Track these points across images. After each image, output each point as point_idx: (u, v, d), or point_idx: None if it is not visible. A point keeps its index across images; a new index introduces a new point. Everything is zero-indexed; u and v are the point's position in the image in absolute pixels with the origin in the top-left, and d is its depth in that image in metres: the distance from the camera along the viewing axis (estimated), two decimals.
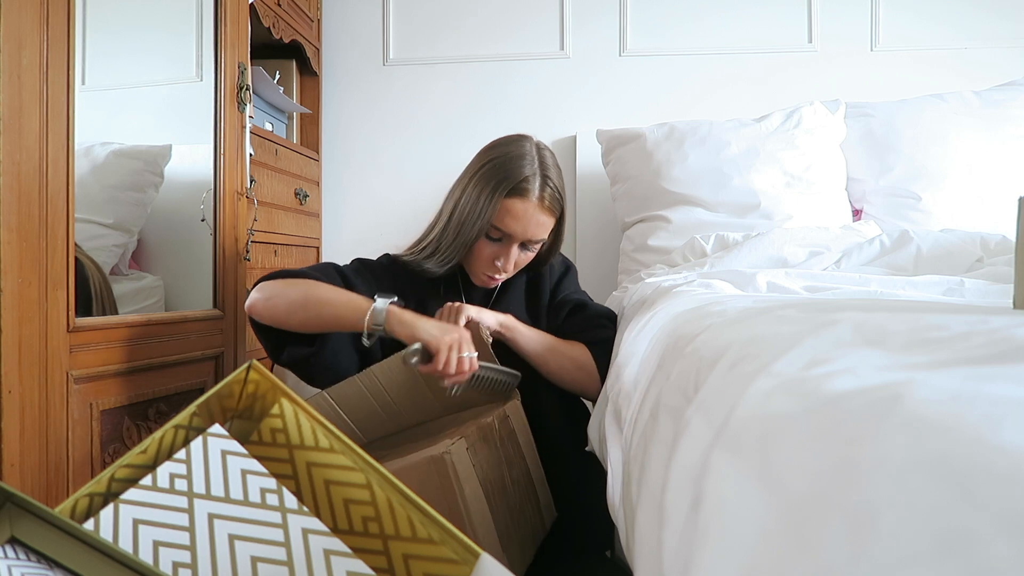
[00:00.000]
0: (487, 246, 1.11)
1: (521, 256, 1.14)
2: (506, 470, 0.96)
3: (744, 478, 0.33)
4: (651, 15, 1.97)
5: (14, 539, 0.55)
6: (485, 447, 0.91)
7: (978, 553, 0.21)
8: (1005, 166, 1.52)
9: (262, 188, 1.53)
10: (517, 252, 1.12)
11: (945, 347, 0.35)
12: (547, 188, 1.09)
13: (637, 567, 0.50)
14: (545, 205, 1.09)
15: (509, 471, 0.96)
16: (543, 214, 1.10)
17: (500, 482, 0.92)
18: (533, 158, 1.10)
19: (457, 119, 2.03)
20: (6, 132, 0.80)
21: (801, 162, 1.55)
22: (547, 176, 1.10)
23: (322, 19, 2.01)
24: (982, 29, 1.87)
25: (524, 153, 1.11)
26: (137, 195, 1.19)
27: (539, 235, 1.11)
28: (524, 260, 1.15)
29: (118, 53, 1.14)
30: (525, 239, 1.10)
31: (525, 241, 1.11)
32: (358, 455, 0.74)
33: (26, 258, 0.83)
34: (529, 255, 1.14)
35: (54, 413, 0.88)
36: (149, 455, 0.70)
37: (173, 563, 0.62)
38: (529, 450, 1.04)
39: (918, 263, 1.15)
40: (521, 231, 1.09)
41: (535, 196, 1.08)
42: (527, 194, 1.07)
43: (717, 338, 0.51)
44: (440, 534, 0.69)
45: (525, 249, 1.13)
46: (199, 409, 0.74)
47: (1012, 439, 0.23)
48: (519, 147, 1.12)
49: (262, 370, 0.78)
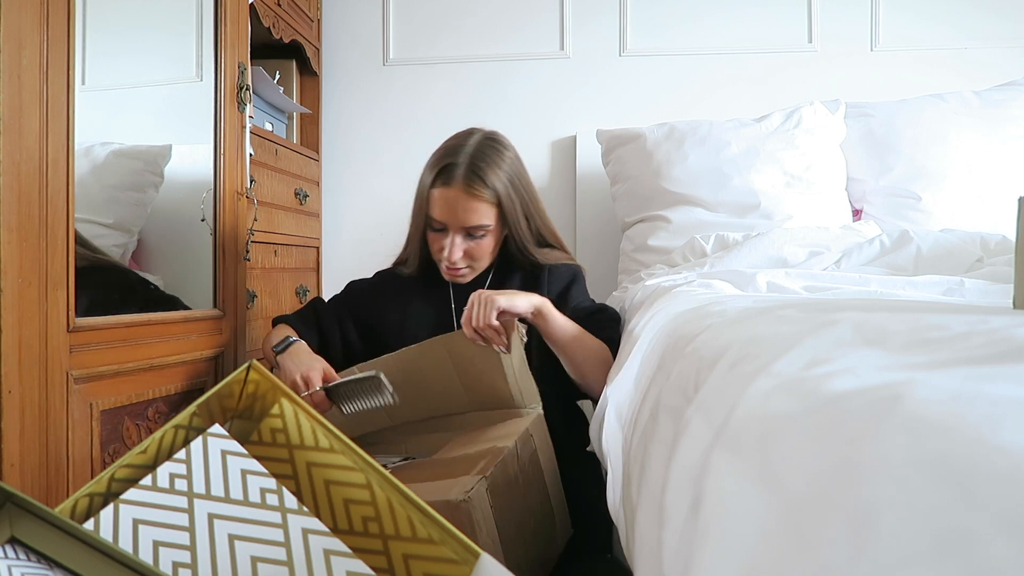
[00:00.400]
0: (434, 238, 1.16)
1: (471, 245, 1.14)
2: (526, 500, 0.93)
3: (744, 478, 0.33)
4: (651, 15, 1.97)
5: (14, 539, 0.55)
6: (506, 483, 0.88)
7: (978, 553, 0.21)
8: (1005, 166, 1.52)
9: (262, 188, 1.53)
10: (461, 241, 1.14)
11: (945, 347, 0.35)
12: (473, 174, 1.11)
13: (637, 567, 0.50)
14: (472, 191, 1.10)
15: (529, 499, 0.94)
16: (470, 200, 1.11)
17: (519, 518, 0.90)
18: (469, 148, 1.13)
19: (457, 119, 2.03)
20: (6, 132, 0.80)
21: (801, 162, 1.55)
22: (476, 164, 1.11)
23: (322, 19, 2.01)
24: (982, 29, 1.87)
25: (460, 144, 1.14)
26: (137, 195, 1.19)
27: (471, 221, 1.12)
28: (478, 250, 1.15)
29: (118, 53, 1.14)
30: (460, 226, 1.13)
31: (464, 228, 1.13)
32: (358, 455, 0.74)
33: (26, 258, 0.83)
34: (481, 243, 1.15)
35: (54, 413, 0.88)
36: (149, 455, 0.70)
37: (173, 563, 0.62)
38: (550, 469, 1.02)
39: (918, 263, 1.15)
40: (452, 218, 1.12)
41: (459, 182, 1.11)
42: (451, 180, 1.11)
43: (717, 338, 0.51)
44: (440, 534, 0.69)
45: (472, 237, 1.14)
46: (199, 409, 0.74)
47: (1012, 439, 0.23)
48: (459, 139, 1.16)
49: (262, 370, 0.78)
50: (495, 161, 1.13)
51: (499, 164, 1.13)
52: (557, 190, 2.00)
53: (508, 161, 1.15)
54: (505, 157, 1.15)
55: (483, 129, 1.20)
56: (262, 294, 1.53)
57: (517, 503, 0.91)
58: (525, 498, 0.93)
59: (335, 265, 1.99)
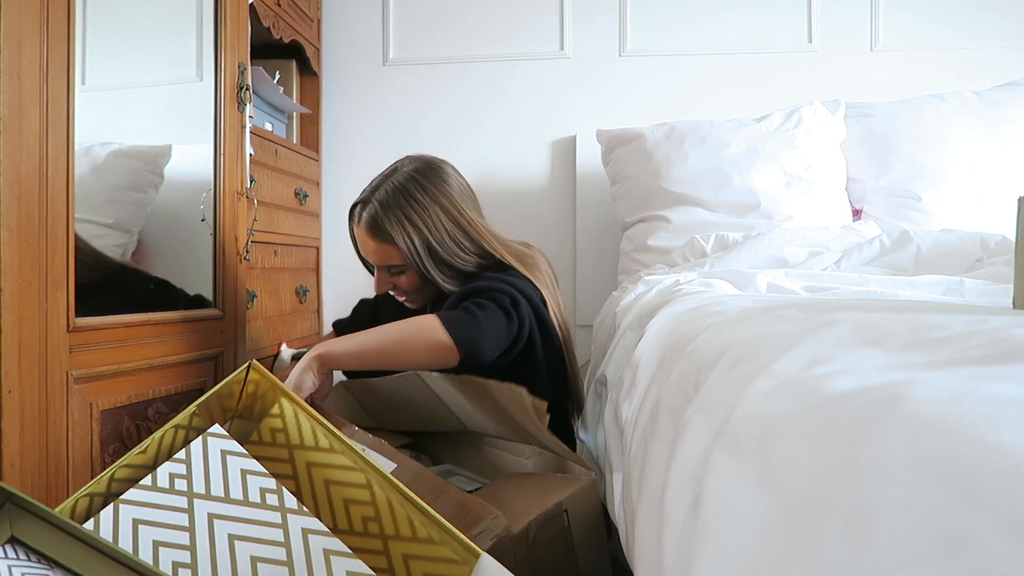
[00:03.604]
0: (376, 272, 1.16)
1: (402, 279, 1.13)
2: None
3: (744, 478, 0.33)
4: (651, 15, 1.97)
5: (14, 539, 0.55)
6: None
7: (978, 553, 0.21)
8: (1005, 166, 1.52)
9: (262, 188, 1.53)
10: (385, 276, 1.14)
11: (945, 347, 0.35)
12: (373, 219, 1.09)
13: (637, 567, 0.50)
14: (372, 235, 1.10)
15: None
16: (373, 242, 1.11)
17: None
18: (382, 189, 1.11)
19: (457, 119, 2.03)
20: (6, 132, 0.80)
21: (801, 162, 1.55)
22: (377, 209, 1.09)
23: (322, 19, 2.01)
24: (982, 29, 1.87)
25: (380, 181, 1.13)
26: (137, 195, 1.19)
27: (379, 261, 1.12)
28: (406, 283, 1.13)
29: (118, 53, 1.14)
30: (375, 264, 1.14)
31: (380, 265, 1.13)
32: (358, 455, 0.74)
33: (26, 258, 0.83)
34: (400, 279, 1.13)
35: (54, 413, 0.88)
36: (149, 455, 0.70)
37: (173, 563, 0.62)
38: (590, 549, 0.81)
39: (918, 263, 1.15)
40: (366, 257, 1.15)
41: (361, 226, 1.12)
42: (359, 221, 1.12)
43: (717, 338, 0.51)
44: (440, 534, 0.69)
45: (397, 272, 1.13)
46: (199, 409, 0.74)
47: (1012, 439, 0.23)
48: (384, 174, 1.14)
49: (262, 370, 0.78)
50: (400, 205, 1.08)
51: (403, 209, 1.08)
52: (557, 190, 2.00)
53: (416, 205, 1.09)
54: (415, 199, 1.09)
55: (418, 159, 1.15)
56: (262, 294, 1.53)
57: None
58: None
59: (335, 265, 1.99)
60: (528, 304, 1.05)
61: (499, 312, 1.00)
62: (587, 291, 1.95)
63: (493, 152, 2.01)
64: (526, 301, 1.05)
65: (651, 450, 0.52)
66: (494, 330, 0.99)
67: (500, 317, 1.00)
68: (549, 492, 0.80)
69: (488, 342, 0.98)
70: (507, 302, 1.02)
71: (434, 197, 1.10)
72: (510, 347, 1.03)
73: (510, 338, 1.02)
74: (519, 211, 1.99)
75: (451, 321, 0.97)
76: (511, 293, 1.03)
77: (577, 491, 0.79)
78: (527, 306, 1.05)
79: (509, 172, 2.01)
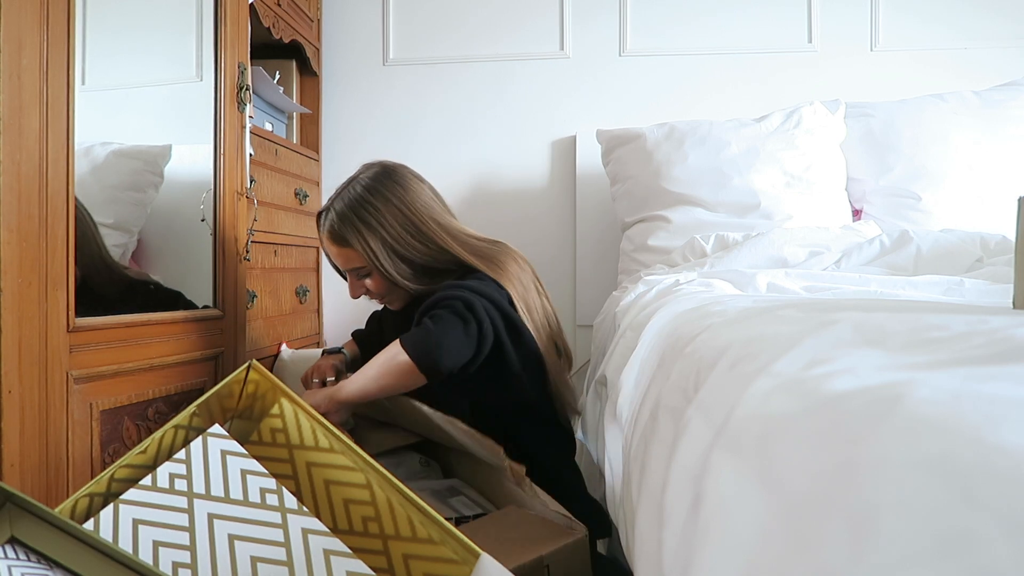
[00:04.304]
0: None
1: (368, 283, 1.15)
2: None
3: (744, 478, 0.33)
4: (651, 15, 1.97)
5: (14, 539, 0.55)
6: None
7: (978, 553, 0.21)
8: (1005, 166, 1.52)
9: (262, 188, 1.53)
10: (355, 280, 1.17)
11: (945, 347, 0.35)
12: (326, 219, 1.14)
13: (637, 567, 0.50)
14: (334, 241, 1.14)
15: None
16: (331, 244, 1.15)
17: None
18: (343, 196, 1.14)
19: (457, 119, 2.03)
20: (6, 132, 0.80)
21: (801, 162, 1.55)
22: (329, 208, 1.14)
23: (322, 19, 2.01)
24: (982, 29, 1.87)
25: (342, 188, 1.16)
26: (137, 195, 1.19)
27: (345, 265, 1.16)
28: (373, 286, 1.15)
29: (118, 53, 1.14)
30: (342, 268, 1.17)
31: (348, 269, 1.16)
32: (358, 455, 0.74)
33: (26, 258, 0.83)
34: (367, 282, 1.15)
35: (54, 413, 0.88)
36: (149, 455, 0.70)
37: (173, 563, 0.62)
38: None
39: (918, 263, 1.15)
40: (334, 262, 1.18)
41: (324, 231, 1.15)
42: (323, 227, 1.15)
43: (717, 338, 0.51)
44: (440, 534, 0.69)
45: (364, 276, 1.15)
46: (199, 409, 0.74)
47: (1012, 439, 0.23)
48: (348, 180, 1.17)
49: (262, 370, 0.78)
50: (354, 210, 1.11)
51: (357, 212, 1.11)
52: (557, 190, 2.00)
53: (371, 207, 1.10)
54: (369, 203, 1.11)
55: (375, 165, 1.17)
56: (262, 294, 1.53)
57: None
58: None
59: None
60: (491, 304, 1.03)
61: (453, 318, 0.99)
62: (587, 291, 1.95)
63: (493, 152, 2.01)
64: (487, 302, 1.03)
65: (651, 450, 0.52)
66: (451, 337, 0.97)
67: (455, 323, 0.98)
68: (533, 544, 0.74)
69: (444, 352, 0.97)
70: (460, 307, 1.00)
71: (387, 199, 1.12)
72: (477, 351, 1.00)
73: (471, 342, 0.99)
74: (519, 211, 1.98)
75: (407, 340, 0.99)
76: (464, 297, 1.01)
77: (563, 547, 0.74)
78: (486, 306, 1.02)
79: (509, 172, 2.01)
